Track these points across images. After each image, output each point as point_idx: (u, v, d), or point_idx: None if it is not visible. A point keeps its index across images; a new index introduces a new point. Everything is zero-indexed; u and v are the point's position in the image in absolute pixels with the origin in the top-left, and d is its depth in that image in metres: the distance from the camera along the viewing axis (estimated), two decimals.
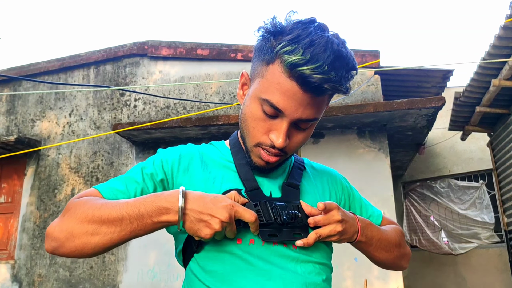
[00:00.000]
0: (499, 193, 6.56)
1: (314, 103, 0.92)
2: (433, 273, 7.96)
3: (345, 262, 5.19)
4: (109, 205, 0.89)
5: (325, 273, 1.09)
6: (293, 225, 0.96)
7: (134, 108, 6.29)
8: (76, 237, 0.88)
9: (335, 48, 0.87)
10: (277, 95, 0.90)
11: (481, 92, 5.63)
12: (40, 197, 6.19)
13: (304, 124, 0.96)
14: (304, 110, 0.92)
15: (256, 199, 0.97)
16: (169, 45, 6.34)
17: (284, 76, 0.89)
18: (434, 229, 7.81)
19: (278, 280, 0.93)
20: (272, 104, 0.91)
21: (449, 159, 8.20)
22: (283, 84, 0.89)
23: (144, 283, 5.49)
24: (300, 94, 0.89)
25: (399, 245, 1.18)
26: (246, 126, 0.98)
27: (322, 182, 1.16)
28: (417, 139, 6.21)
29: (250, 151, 1.01)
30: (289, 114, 0.92)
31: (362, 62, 5.71)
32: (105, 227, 0.88)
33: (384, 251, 1.14)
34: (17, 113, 6.72)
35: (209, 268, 0.95)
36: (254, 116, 0.96)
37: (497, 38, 4.73)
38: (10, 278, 5.97)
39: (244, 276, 0.93)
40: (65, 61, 6.67)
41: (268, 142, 0.96)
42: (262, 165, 1.00)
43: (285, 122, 0.93)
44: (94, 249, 0.89)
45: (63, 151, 6.33)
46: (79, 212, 0.90)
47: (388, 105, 4.93)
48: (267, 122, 0.95)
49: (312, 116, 0.94)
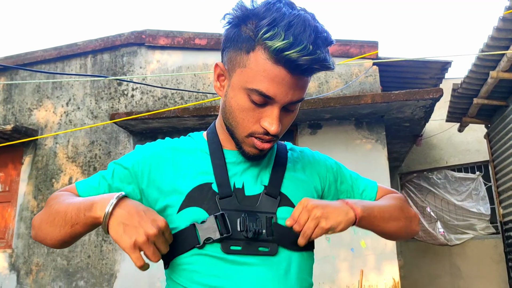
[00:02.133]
0: (495, 184, 6.59)
1: (302, 84, 0.92)
2: (428, 263, 8.02)
3: (341, 253, 5.22)
4: (68, 202, 0.97)
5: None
6: (261, 239, 0.94)
7: (132, 97, 6.27)
8: (42, 228, 1.00)
9: (312, 25, 0.86)
10: (266, 83, 0.88)
11: (479, 84, 5.63)
12: (38, 186, 6.19)
13: (292, 106, 0.95)
14: (293, 92, 0.91)
15: (227, 207, 0.95)
16: (167, 34, 6.31)
17: (269, 63, 0.87)
18: (430, 220, 7.85)
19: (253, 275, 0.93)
20: (262, 93, 0.89)
21: (446, 151, 8.22)
22: (270, 71, 0.87)
23: (141, 273, 5.51)
24: (288, 78, 0.88)
25: (402, 209, 1.13)
26: (234, 118, 0.96)
27: (305, 169, 1.12)
28: (415, 131, 6.22)
29: (242, 142, 0.98)
30: (279, 100, 0.90)
31: (360, 53, 5.69)
32: (57, 219, 0.95)
33: (392, 220, 1.09)
34: (14, 102, 6.69)
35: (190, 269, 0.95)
36: (242, 107, 0.93)
37: (496, 30, 4.73)
38: (8, 266, 5.99)
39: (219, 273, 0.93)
40: (62, 50, 6.62)
41: (261, 130, 0.94)
42: (256, 153, 0.99)
43: (276, 108, 0.92)
44: (53, 239, 0.98)
45: (61, 140, 6.32)
46: (50, 206, 1.00)
47: (386, 96, 4.93)
48: (257, 111, 0.93)
49: (300, 97, 0.94)
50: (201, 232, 0.93)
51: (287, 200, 1.01)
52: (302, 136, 5.54)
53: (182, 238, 0.94)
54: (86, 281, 5.70)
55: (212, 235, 0.92)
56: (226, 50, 0.97)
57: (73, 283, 5.73)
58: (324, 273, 5.18)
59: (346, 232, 5.24)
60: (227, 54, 0.96)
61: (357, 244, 5.21)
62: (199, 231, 0.93)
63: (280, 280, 0.93)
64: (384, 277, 5.08)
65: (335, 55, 5.82)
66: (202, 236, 0.92)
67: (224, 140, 1.06)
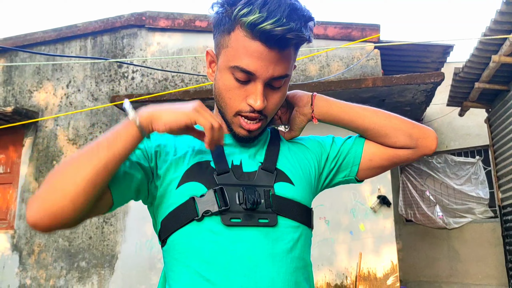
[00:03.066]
0: (494, 169, 6.61)
1: (282, 58, 0.94)
2: (427, 246, 8.09)
3: (340, 236, 5.27)
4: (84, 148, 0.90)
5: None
6: (259, 210, 0.95)
7: (132, 80, 6.25)
8: (57, 188, 0.84)
9: (288, 2, 0.89)
10: (245, 59, 0.92)
11: (480, 68, 5.60)
12: (39, 168, 6.22)
13: (277, 82, 0.97)
14: (274, 67, 0.93)
15: (225, 182, 0.96)
16: (167, 16, 6.26)
17: (247, 39, 0.91)
18: (429, 203, 7.89)
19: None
20: (243, 69, 0.92)
21: (446, 135, 8.22)
22: (248, 47, 0.91)
23: (142, 254, 5.57)
24: (266, 52, 0.91)
25: (399, 117, 1.14)
26: (222, 99, 0.99)
27: (299, 148, 1.14)
28: (415, 115, 6.22)
29: (231, 123, 1.01)
30: (261, 75, 0.93)
31: (362, 36, 5.65)
32: (83, 156, 0.86)
33: (382, 118, 1.11)
34: (14, 84, 6.68)
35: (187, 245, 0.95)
36: (228, 86, 0.97)
37: (499, 13, 4.68)
38: (10, 247, 6.05)
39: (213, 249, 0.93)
40: (62, 32, 6.58)
41: (247, 108, 0.96)
42: (245, 134, 1.01)
43: (259, 84, 0.94)
44: (76, 195, 0.82)
45: (61, 122, 6.32)
46: (57, 167, 0.88)
47: (387, 80, 4.92)
48: (242, 89, 0.96)
49: (283, 72, 0.95)
50: (200, 205, 0.94)
51: (283, 175, 1.03)
52: None
53: (181, 212, 0.95)
54: (88, 262, 5.76)
55: (211, 208, 0.93)
56: (214, 37, 1.01)
57: (74, 264, 5.80)
58: (323, 255, 5.23)
59: (345, 215, 5.29)
60: (215, 41, 1.01)
61: (356, 227, 5.25)
62: (198, 204, 0.94)
63: (278, 259, 0.94)
64: (383, 260, 5.13)
65: (336, 38, 5.78)
66: (201, 209, 0.93)
67: (221, 123, 1.07)
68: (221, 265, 0.91)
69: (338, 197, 5.30)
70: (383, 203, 5.20)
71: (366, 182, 5.27)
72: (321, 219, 5.29)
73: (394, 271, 5.10)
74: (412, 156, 1.12)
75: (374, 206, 5.20)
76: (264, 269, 0.91)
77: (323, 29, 5.80)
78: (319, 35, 5.80)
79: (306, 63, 5.84)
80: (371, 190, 5.29)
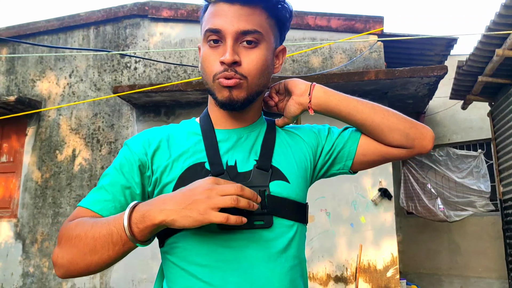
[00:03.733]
0: (496, 162, 6.61)
1: (248, 14, 0.98)
2: (427, 239, 8.12)
3: (341, 228, 5.29)
4: (99, 224, 0.89)
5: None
6: (255, 212, 0.94)
7: (135, 70, 6.25)
8: (78, 260, 0.89)
9: None
10: (211, 20, 0.98)
11: (484, 62, 5.58)
12: (42, 157, 6.24)
13: (247, 37, 0.97)
14: (238, 21, 0.96)
15: None
16: (170, 6, 6.24)
17: (213, 5, 1.00)
18: (430, 196, 7.90)
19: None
20: (210, 29, 0.97)
21: (449, 128, 8.20)
22: (214, 11, 0.99)
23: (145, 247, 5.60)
24: (228, 8, 0.97)
25: (397, 114, 1.11)
26: (203, 71, 1.01)
27: (294, 141, 1.13)
28: (418, 108, 6.22)
29: (213, 89, 1.00)
30: (226, 29, 0.96)
31: (365, 28, 5.63)
32: (99, 245, 0.87)
33: (380, 116, 1.09)
34: (17, 73, 6.68)
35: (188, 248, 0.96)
36: (204, 56, 1.00)
37: (503, 7, 4.65)
38: (13, 235, 6.10)
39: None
40: (65, 21, 6.57)
41: (221, 67, 0.97)
42: (226, 96, 0.98)
43: (228, 39, 0.96)
44: (97, 266, 0.89)
45: (64, 112, 6.33)
46: (74, 236, 0.90)
47: (390, 73, 4.91)
48: (215, 53, 0.98)
49: (250, 27, 0.97)
50: None
51: (279, 173, 1.02)
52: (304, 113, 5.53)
53: None
54: None
55: None
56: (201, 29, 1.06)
57: None
58: (323, 247, 5.26)
59: (346, 208, 5.31)
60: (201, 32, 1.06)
61: (357, 219, 5.27)
62: None
63: (273, 259, 0.94)
64: (383, 252, 5.16)
65: (339, 30, 5.76)
66: None
67: (216, 120, 1.08)
68: (217, 267, 0.92)
69: (339, 190, 5.31)
70: (384, 196, 5.22)
71: (368, 175, 5.29)
72: (322, 211, 5.32)
73: (394, 263, 5.13)
74: (407, 155, 1.12)
75: (375, 198, 5.22)
76: (259, 269, 0.92)
77: (327, 20, 5.77)
78: (323, 26, 5.78)
79: (309, 55, 5.82)
80: (372, 183, 5.30)
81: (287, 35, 1.14)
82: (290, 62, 5.82)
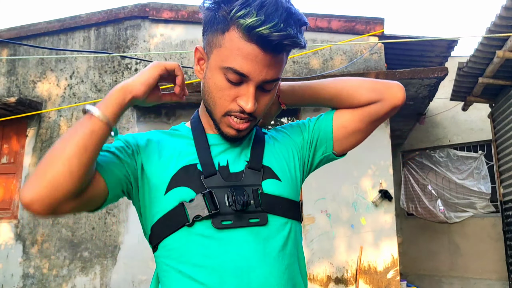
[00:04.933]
0: (497, 164, 6.61)
1: (276, 62, 0.94)
2: (428, 240, 8.12)
3: (341, 229, 5.29)
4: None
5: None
6: (249, 210, 0.95)
7: (135, 71, 6.26)
8: (49, 156, 0.88)
9: (285, 6, 0.89)
10: (240, 61, 0.91)
11: (484, 63, 5.58)
12: (42, 158, 6.23)
13: (268, 85, 0.97)
14: (268, 71, 0.93)
15: (213, 184, 0.96)
16: (170, 7, 6.25)
17: (243, 41, 0.90)
18: (431, 197, 7.91)
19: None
20: (236, 71, 0.92)
21: (449, 129, 8.21)
22: (243, 49, 0.90)
23: (144, 244, 5.60)
24: (262, 56, 0.91)
25: (360, 78, 1.16)
26: (212, 98, 0.98)
27: (282, 140, 1.14)
28: (418, 109, 6.21)
29: (220, 122, 1.00)
30: (254, 78, 0.93)
31: (366, 30, 5.64)
32: (69, 136, 0.87)
33: (342, 82, 1.13)
34: (18, 74, 6.69)
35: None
36: (219, 86, 0.96)
37: (504, 9, 4.66)
38: (14, 237, 6.10)
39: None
40: (66, 22, 6.58)
41: (237, 108, 0.96)
42: (233, 134, 1.00)
43: (251, 86, 0.94)
44: (71, 152, 0.85)
45: (64, 113, 6.34)
46: (44, 158, 0.89)
47: (390, 74, 4.91)
48: (233, 90, 0.95)
49: (276, 76, 0.95)
50: (189, 210, 0.93)
51: (270, 172, 1.03)
52: (305, 113, 5.53)
53: (171, 218, 0.95)
54: (91, 252, 5.81)
55: (201, 213, 0.93)
56: (205, 34, 1.00)
57: (77, 254, 5.84)
58: (324, 249, 5.26)
59: (347, 209, 5.31)
60: (206, 38, 0.99)
61: (357, 220, 5.27)
62: (188, 209, 0.94)
63: (270, 258, 0.94)
64: (383, 253, 5.16)
65: (340, 32, 5.76)
66: (191, 214, 0.93)
67: (207, 124, 1.07)
68: (213, 267, 0.91)
69: (339, 191, 5.31)
70: (384, 197, 5.22)
71: (368, 176, 5.28)
72: (322, 212, 5.32)
73: (394, 264, 5.12)
74: (383, 109, 1.11)
75: (376, 200, 5.22)
76: (256, 268, 0.92)
77: (327, 22, 5.78)
78: (323, 28, 5.78)
79: (309, 56, 5.82)
80: (373, 184, 5.30)
81: None
82: (290, 63, 5.82)
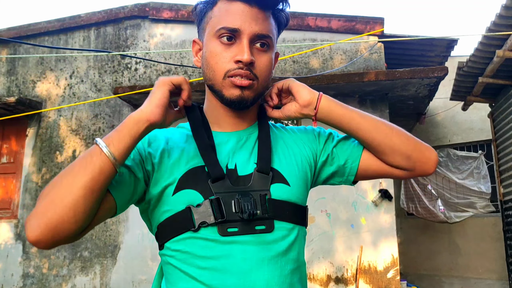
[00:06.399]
0: (497, 163, 6.61)
1: (263, 18, 1.00)
2: (428, 240, 8.11)
3: (341, 229, 5.29)
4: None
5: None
6: (256, 218, 0.94)
7: (135, 71, 6.26)
8: (54, 194, 0.83)
9: None
10: (229, 18, 0.98)
11: (484, 63, 5.57)
12: (42, 158, 6.24)
13: (262, 41, 1.00)
14: (256, 24, 0.98)
15: (220, 190, 0.95)
16: (170, 7, 6.24)
17: (228, 3, 0.99)
18: (431, 197, 7.90)
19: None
20: (227, 27, 0.97)
21: (449, 129, 8.20)
22: (230, 9, 0.99)
23: (144, 245, 5.61)
24: (248, 9, 0.98)
25: (401, 133, 1.07)
26: (210, 67, 1.00)
27: (295, 142, 1.12)
28: (418, 109, 6.21)
29: (222, 87, 0.99)
30: (245, 29, 0.97)
31: (366, 29, 5.63)
32: (75, 169, 0.85)
33: (383, 135, 1.05)
34: (18, 74, 6.69)
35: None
36: (214, 52, 0.99)
37: (504, 8, 4.65)
38: (13, 236, 6.10)
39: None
40: (66, 22, 6.57)
41: (235, 65, 0.97)
42: (237, 94, 0.98)
43: (244, 39, 0.97)
44: (77, 194, 0.81)
45: (64, 113, 6.34)
46: (47, 189, 0.86)
47: (390, 74, 4.91)
48: (228, 52, 0.98)
49: (266, 31, 1.00)
50: (196, 215, 0.93)
51: (279, 176, 1.01)
52: None
53: (178, 221, 0.95)
54: (91, 251, 5.81)
55: (207, 220, 0.93)
56: (199, 26, 1.08)
57: (77, 254, 5.84)
58: (324, 248, 5.26)
59: (347, 209, 5.30)
60: (200, 27, 1.07)
61: (357, 220, 5.27)
62: (195, 215, 0.93)
63: (273, 262, 0.94)
64: (383, 253, 5.15)
65: (340, 31, 5.76)
66: (198, 219, 0.93)
67: (215, 120, 1.07)
68: (217, 270, 0.92)
69: (339, 191, 5.31)
70: (384, 197, 5.22)
71: None
72: (322, 212, 5.31)
73: (394, 264, 5.12)
74: (407, 177, 1.09)
75: (376, 200, 5.22)
76: (259, 272, 0.92)
77: (327, 21, 5.77)
78: (323, 27, 5.78)
79: (309, 56, 5.82)
80: (373, 184, 5.30)
81: (287, 36, 1.17)
82: (290, 63, 5.82)
